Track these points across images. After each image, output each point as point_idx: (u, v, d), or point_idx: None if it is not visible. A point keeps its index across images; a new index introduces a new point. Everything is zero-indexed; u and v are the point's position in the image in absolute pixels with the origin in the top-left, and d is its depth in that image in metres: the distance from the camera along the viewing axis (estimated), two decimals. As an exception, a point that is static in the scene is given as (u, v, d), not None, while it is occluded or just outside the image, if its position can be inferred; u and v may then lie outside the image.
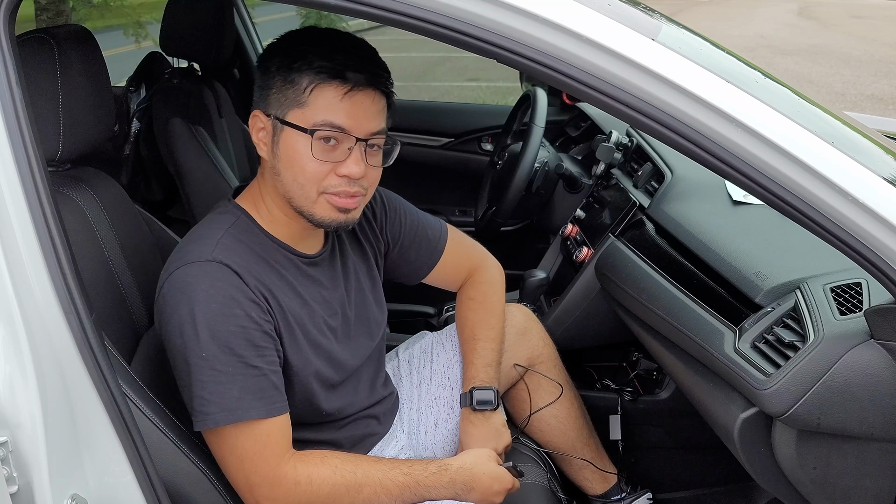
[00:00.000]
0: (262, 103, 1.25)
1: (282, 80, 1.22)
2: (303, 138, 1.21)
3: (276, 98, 1.23)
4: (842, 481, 1.24)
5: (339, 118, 1.21)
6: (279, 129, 1.23)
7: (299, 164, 1.22)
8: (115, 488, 1.05)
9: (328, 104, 1.20)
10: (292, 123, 1.22)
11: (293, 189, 1.25)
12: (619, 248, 1.85)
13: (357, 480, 1.26)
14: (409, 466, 1.31)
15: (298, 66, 1.20)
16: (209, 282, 1.20)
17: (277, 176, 1.25)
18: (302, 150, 1.22)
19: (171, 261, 1.25)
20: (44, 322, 1.00)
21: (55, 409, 1.00)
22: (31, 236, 1.00)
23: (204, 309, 1.18)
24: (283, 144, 1.23)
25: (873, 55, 9.20)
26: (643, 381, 1.97)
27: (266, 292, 1.25)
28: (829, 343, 1.17)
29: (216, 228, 1.27)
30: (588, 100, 1.03)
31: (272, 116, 1.23)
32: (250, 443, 1.21)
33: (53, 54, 1.24)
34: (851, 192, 1.01)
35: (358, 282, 1.44)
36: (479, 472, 1.35)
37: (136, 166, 2.46)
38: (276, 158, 1.25)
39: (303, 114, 1.21)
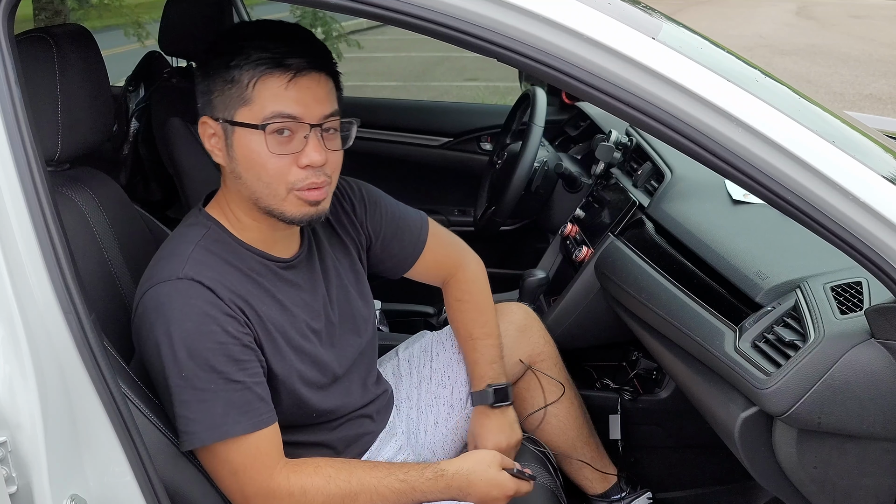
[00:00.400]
0: (208, 108, 1.22)
1: (222, 80, 1.19)
2: (256, 135, 1.18)
3: (221, 100, 1.20)
4: (842, 480, 1.24)
5: (289, 107, 1.17)
6: (230, 130, 1.20)
7: (259, 162, 1.19)
8: (114, 488, 1.05)
9: (274, 95, 1.17)
10: (242, 122, 1.18)
11: (259, 189, 1.21)
12: (619, 247, 1.85)
13: (352, 489, 1.24)
14: (405, 472, 1.29)
15: (236, 62, 1.17)
16: (182, 300, 1.18)
17: (239, 179, 1.22)
18: (257, 148, 1.18)
19: (144, 280, 1.23)
20: (43, 322, 1.00)
21: (55, 410, 1.00)
22: (30, 236, 1.00)
23: (179, 329, 1.16)
24: (237, 146, 1.20)
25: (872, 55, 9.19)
26: (643, 380, 1.97)
27: (242, 304, 1.23)
28: (829, 342, 1.17)
29: (186, 243, 1.24)
30: (589, 99, 1.03)
31: (220, 120, 1.20)
32: (240, 457, 1.20)
33: (52, 54, 1.23)
34: (852, 190, 1.01)
35: (339, 279, 1.42)
36: (477, 479, 1.32)
37: (135, 166, 2.45)
38: (234, 162, 1.21)
39: (250, 110, 1.18)
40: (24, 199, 1.00)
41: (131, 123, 2.43)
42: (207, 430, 1.17)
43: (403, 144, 3.01)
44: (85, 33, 1.33)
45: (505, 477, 1.35)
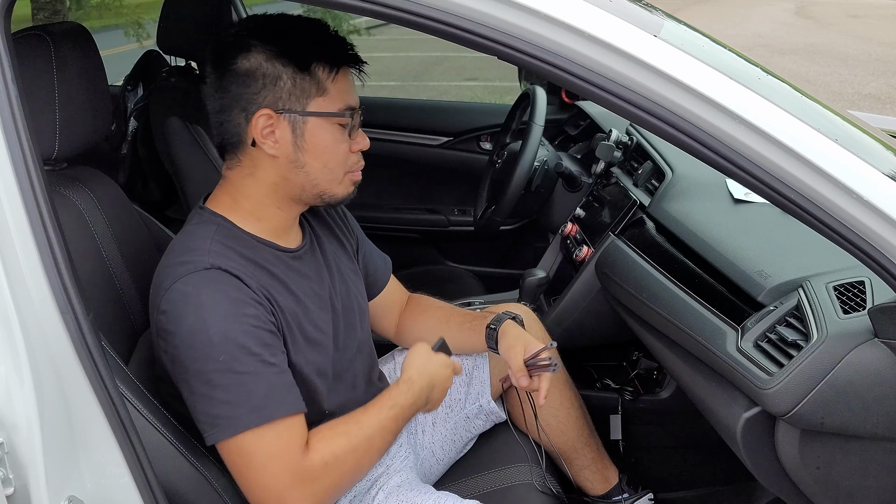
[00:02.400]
0: (269, 100, 1.21)
1: (293, 71, 1.20)
2: (331, 125, 1.23)
3: (291, 91, 1.20)
4: (845, 481, 1.23)
5: (353, 99, 1.26)
6: (300, 121, 1.22)
7: (331, 150, 1.24)
8: (112, 490, 1.04)
9: (346, 88, 1.24)
10: (321, 112, 1.22)
11: (321, 176, 1.26)
12: (620, 246, 1.85)
13: (367, 434, 1.27)
14: (390, 398, 1.33)
15: (310, 55, 1.20)
16: (213, 287, 1.18)
17: (301, 168, 1.24)
18: (332, 137, 1.24)
19: (164, 277, 1.22)
20: (40, 322, 0.99)
21: (52, 411, 0.99)
22: (27, 236, 0.99)
23: (212, 314, 1.16)
24: (309, 136, 1.22)
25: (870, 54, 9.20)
26: (643, 380, 1.97)
27: (266, 293, 1.24)
28: (832, 342, 1.17)
29: (201, 238, 1.24)
30: (590, 96, 1.02)
31: (286, 111, 1.21)
32: (275, 442, 1.18)
33: (49, 52, 1.22)
34: (856, 189, 1.00)
35: (340, 273, 1.43)
36: (433, 368, 1.38)
37: (134, 166, 2.45)
38: (299, 151, 1.23)
39: (326, 101, 1.22)
40: (20, 198, 0.99)
41: (130, 123, 2.42)
42: (252, 412, 1.16)
43: (403, 144, 3.00)
44: (83, 31, 1.32)
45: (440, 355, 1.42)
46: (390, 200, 2.97)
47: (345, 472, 1.24)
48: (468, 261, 2.86)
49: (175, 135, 2.18)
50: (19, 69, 1.02)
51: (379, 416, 1.29)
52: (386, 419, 1.30)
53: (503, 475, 1.55)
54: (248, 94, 1.21)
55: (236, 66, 1.21)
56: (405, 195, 3.02)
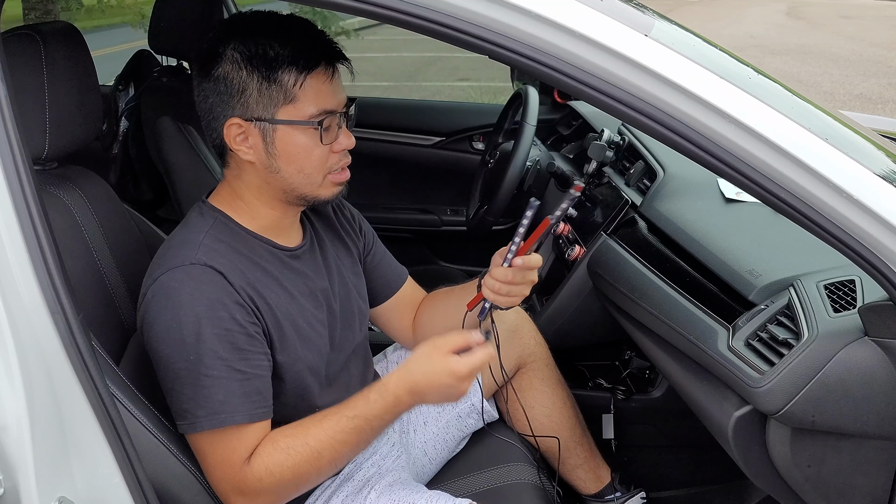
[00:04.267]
0: (239, 109, 1.21)
1: (258, 79, 1.19)
2: (302, 132, 1.21)
3: (258, 100, 1.20)
4: (836, 479, 1.24)
5: (330, 102, 1.22)
6: (269, 129, 1.21)
7: (303, 156, 1.23)
8: (103, 491, 1.04)
9: (317, 92, 1.21)
10: (288, 121, 1.21)
11: (298, 180, 1.25)
12: (612, 246, 1.85)
13: (313, 450, 1.22)
14: (352, 408, 1.23)
15: (275, 61, 1.18)
16: (194, 285, 1.19)
17: (276, 173, 1.24)
18: (303, 143, 1.22)
19: (154, 267, 1.24)
20: (30, 322, 0.99)
21: (42, 411, 0.98)
22: (16, 235, 0.99)
23: (190, 312, 1.17)
24: (279, 143, 1.22)
25: (862, 55, 9.24)
26: (636, 379, 1.97)
27: (252, 292, 1.24)
28: (823, 340, 1.17)
29: (195, 231, 1.25)
30: (582, 96, 1.02)
31: (256, 119, 1.21)
32: (221, 449, 1.20)
33: (39, 51, 1.22)
34: (846, 188, 1.01)
35: (341, 275, 1.43)
36: (421, 375, 1.20)
37: (125, 166, 2.44)
38: (271, 158, 1.23)
39: (295, 108, 1.20)
40: (10, 197, 0.98)
41: (121, 122, 2.41)
42: (208, 416, 1.18)
43: (395, 144, 3.00)
44: (73, 31, 1.32)
45: (452, 359, 1.19)
46: (382, 200, 2.97)
47: (283, 485, 1.22)
48: (461, 261, 2.86)
49: (166, 135, 2.17)
50: (9, 68, 1.01)
51: (334, 428, 1.22)
52: (341, 432, 1.22)
53: (496, 474, 1.55)
54: (221, 101, 1.22)
55: (212, 74, 1.21)
56: (398, 195, 3.01)
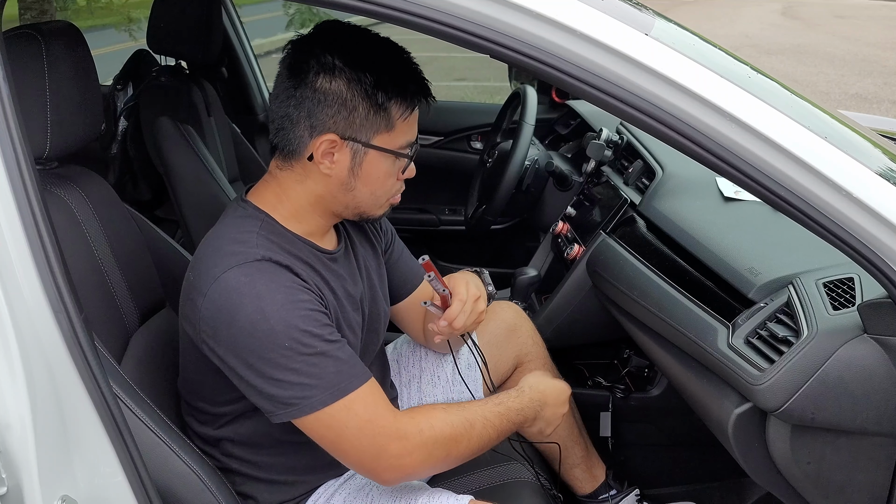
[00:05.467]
0: (340, 126, 1.20)
1: (368, 104, 1.19)
2: (388, 159, 1.24)
3: (362, 123, 1.20)
4: (836, 476, 1.24)
5: (415, 134, 1.27)
6: (362, 151, 1.22)
7: (381, 181, 1.26)
8: (105, 489, 1.04)
9: (411, 126, 1.25)
10: (383, 148, 1.23)
11: (366, 201, 1.28)
12: (611, 245, 1.85)
13: (468, 418, 1.30)
14: (498, 399, 1.38)
15: (389, 93, 1.20)
16: (267, 276, 1.18)
17: (350, 191, 1.25)
18: (387, 170, 1.25)
19: (212, 265, 1.20)
20: (33, 321, 0.99)
21: (44, 410, 0.99)
22: (19, 235, 0.99)
23: (271, 302, 1.16)
24: (367, 166, 1.24)
25: (857, 55, 9.26)
26: (635, 378, 1.97)
27: (315, 284, 1.25)
28: (822, 338, 1.17)
29: (246, 231, 1.24)
30: (582, 95, 1.03)
31: (352, 139, 1.21)
32: (364, 408, 1.21)
33: (41, 51, 1.22)
34: (845, 186, 1.01)
35: (370, 278, 1.44)
36: (546, 387, 1.44)
37: (124, 166, 2.43)
38: (352, 177, 1.24)
39: (391, 137, 1.23)
40: (13, 197, 0.98)
41: (119, 122, 2.41)
42: (327, 391, 1.18)
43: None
44: (74, 30, 1.32)
45: (562, 382, 1.49)
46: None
47: (439, 443, 1.25)
48: (459, 260, 2.86)
49: (166, 135, 2.17)
50: (10, 68, 1.01)
51: (484, 407, 1.33)
52: (490, 412, 1.33)
53: (495, 473, 1.56)
54: (321, 114, 1.20)
55: (316, 84, 1.19)
56: (396, 195, 3.01)
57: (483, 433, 1.31)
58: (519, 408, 1.38)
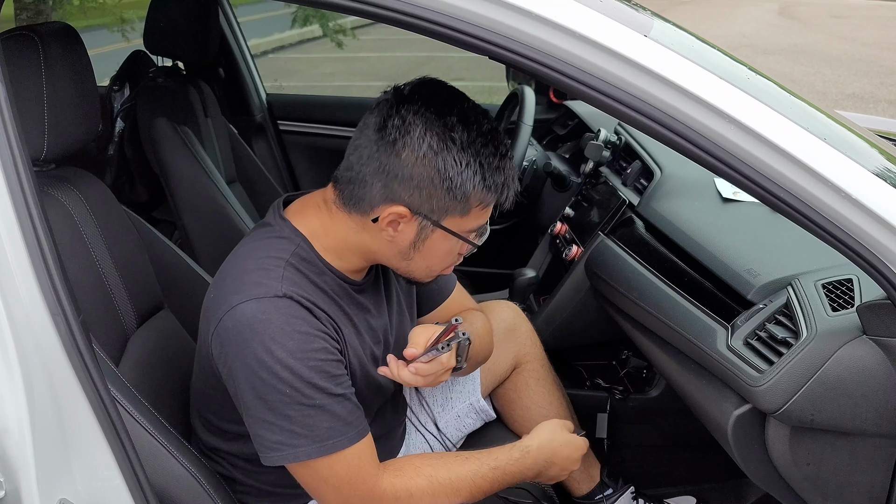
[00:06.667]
0: (413, 200, 1.15)
1: (448, 188, 1.14)
2: (452, 240, 1.21)
3: (434, 201, 1.15)
4: (835, 477, 1.24)
5: (485, 220, 1.23)
6: (430, 228, 1.18)
7: (440, 258, 1.23)
8: (104, 492, 1.03)
9: (485, 212, 1.21)
10: (452, 231, 1.19)
11: (419, 272, 1.25)
12: (609, 246, 1.85)
13: (452, 485, 1.28)
14: (495, 459, 1.33)
15: (471, 180, 1.14)
16: (283, 318, 1.15)
17: (406, 260, 1.23)
18: (449, 249, 1.23)
19: (231, 291, 1.17)
20: (30, 324, 0.98)
21: (42, 413, 0.98)
22: (16, 237, 0.98)
23: (281, 347, 1.14)
24: (430, 243, 1.20)
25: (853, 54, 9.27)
26: (633, 379, 1.97)
27: (334, 324, 1.22)
28: (821, 339, 1.17)
29: (274, 258, 1.19)
30: (581, 96, 1.02)
31: (422, 216, 1.17)
32: (344, 470, 1.20)
33: (38, 52, 1.22)
34: (844, 187, 1.01)
35: (399, 303, 1.41)
36: (558, 446, 1.40)
37: (121, 167, 2.43)
38: (413, 249, 1.21)
39: (462, 221, 1.19)
40: (10, 199, 0.98)
41: (116, 123, 2.40)
42: (314, 444, 1.17)
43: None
44: (71, 31, 1.32)
45: (578, 437, 1.45)
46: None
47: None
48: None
49: (163, 136, 2.17)
50: (7, 69, 1.01)
51: (476, 471, 1.30)
52: (481, 477, 1.30)
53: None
54: (398, 186, 1.15)
55: (402, 154, 1.13)
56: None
57: (469, 496, 1.29)
58: (518, 472, 1.35)
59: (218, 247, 2.17)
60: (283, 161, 3.08)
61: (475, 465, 1.31)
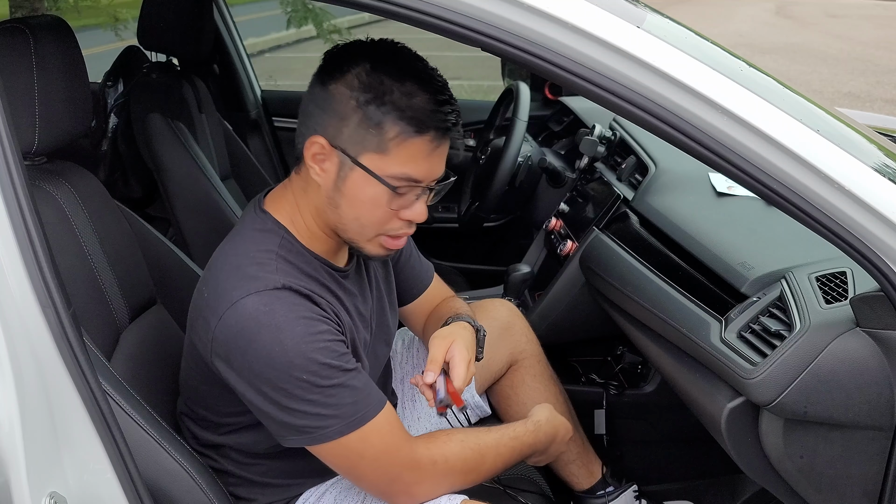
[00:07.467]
0: (329, 131, 1.15)
1: (362, 116, 1.12)
2: (376, 186, 1.15)
3: (351, 135, 1.14)
4: (828, 470, 1.24)
5: (419, 172, 1.15)
6: (348, 165, 1.15)
7: (366, 208, 1.18)
8: (95, 486, 1.03)
9: (412, 157, 1.14)
10: (368, 169, 1.14)
11: (350, 225, 1.20)
12: (604, 241, 1.85)
13: (481, 451, 1.31)
14: (513, 430, 1.40)
15: (387, 107, 1.11)
16: (287, 307, 1.14)
17: (335, 208, 1.19)
18: (372, 196, 1.16)
19: (229, 287, 1.16)
20: (21, 317, 0.98)
21: (32, 406, 0.98)
22: (6, 230, 0.98)
23: (290, 335, 1.13)
24: (350, 183, 1.16)
25: (850, 53, 9.29)
26: (628, 374, 1.97)
27: (332, 309, 1.22)
28: (815, 332, 1.17)
29: (264, 251, 1.19)
30: (575, 88, 1.02)
31: (340, 149, 1.15)
32: (378, 439, 1.20)
33: (29, 44, 1.21)
34: (837, 179, 1.01)
35: (378, 290, 1.41)
36: (558, 423, 1.47)
37: (114, 163, 2.42)
38: (337, 193, 1.18)
39: (381, 161, 1.14)
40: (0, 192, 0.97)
41: (110, 119, 2.40)
42: (344, 421, 1.17)
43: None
44: (63, 24, 1.31)
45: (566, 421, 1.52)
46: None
47: (450, 473, 1.27)
48: (452, 257, 2.86)
49: (156, 132, 2.16)
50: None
51: (499, 440, 1.35)
52: (503, 446, 1.35)
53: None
54: (318, 114, 1.16)
55: (327, 84, 1.15)
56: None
57: (492, 466, 1.33)
58: (532, 442, 1.41)
59: (212, 242, 2.14)
60: (278, 157, 3.07)
61: (497, 434, 1.36)
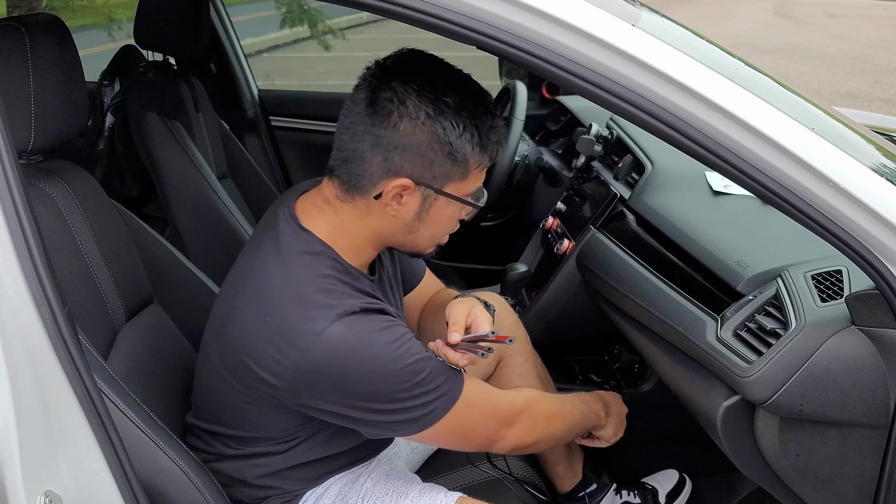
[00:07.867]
0: (415, 172, 1.16)
1: (447, 152, 1.16)
2: (455, 206, 1.23)
3: (438, 170, 1.17)
4: (824, 468, 1.24)
5: (482, 181, 1.25)
6: (433, 196, 1.20)
7: (443, 225, 1.25)
8: (91, 485, 1.03)
9: (482, 174, 1.24)
10: (455, 196, 1.21)
11: (424, 242, 1.27)
12: (601, 239, 1.85)
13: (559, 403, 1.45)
14: (580, 396, 1.53)
15: (469, 144, 1.16)
16: (367, 324, 1.18)
17: (411, 233, 1.24)
18: (451, 215, 1.24)
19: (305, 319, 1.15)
20: (16, 315, 0.98)
21: (28, 404, 0.97)
22: (2, 228, 0.97)
23: (381, 347, 1.17)
24: (434, 211, 1.22)
25: (848, 53, 9.29)
26: (625, 373, 1.97)
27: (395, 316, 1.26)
28: (810, 330, 1.17)
29: (326, 277, 1.19)
30: (569, 86, 1.02)
31: (425, 185, 1.18)
32: (478, 398, 1.29)
33: (24, 42, 1.21)
34: (833, 177, 1.01)
35: (393, 289, 1.43)
36: (611, 398, 1.60)
37: (111, 162, 2.42)
38: (418, 220, 1.22)
39: (462, 185, 1.21)
40: (-6, 190, 0.97)
41: (106, 118, 2.39)
42: (444, 397, 1.22)
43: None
44: (58, 23, 1.31)
45: None
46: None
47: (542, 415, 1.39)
48: (449, 256, 2.85)
49: (153, 131, 2.16)
50: (-7, 59, 1.00)
51: (572, 401, 1.48)
52: (573, 406, 1.48)
53: (482, 470, 1.56)
54: (399, 158, 1.15)
55: (400, 127, 1.14)
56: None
57: (570, 419, 1.44)
58: (594, 411, 1.52)
59: (209, 242, 2.17)
60: (275, 157, 3.07)
61: (566, 397, 1.48)
